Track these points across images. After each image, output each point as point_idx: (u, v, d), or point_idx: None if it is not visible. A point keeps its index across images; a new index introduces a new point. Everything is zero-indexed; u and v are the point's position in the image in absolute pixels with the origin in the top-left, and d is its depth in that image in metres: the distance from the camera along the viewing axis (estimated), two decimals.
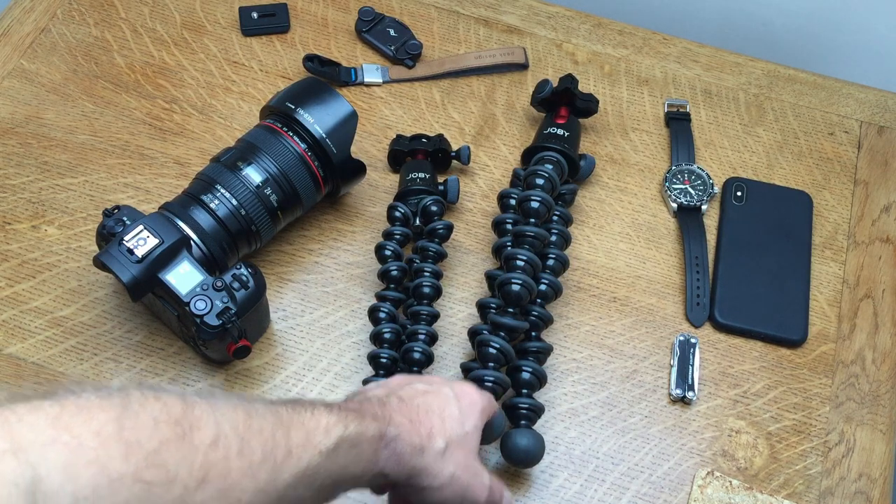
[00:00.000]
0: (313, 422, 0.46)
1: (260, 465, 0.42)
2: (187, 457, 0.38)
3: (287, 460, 0.43)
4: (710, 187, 0.85)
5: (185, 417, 0.39)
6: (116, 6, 0.94)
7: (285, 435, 0.44)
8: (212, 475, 0.39)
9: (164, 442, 0.38)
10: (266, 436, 0.43)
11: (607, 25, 0.97)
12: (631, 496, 0.70)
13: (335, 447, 0.46)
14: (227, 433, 0.40)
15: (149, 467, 0.36)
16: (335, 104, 0.76)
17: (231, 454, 0.40)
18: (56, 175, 0.83)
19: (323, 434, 0.46)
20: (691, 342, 0.77)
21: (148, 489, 0.36)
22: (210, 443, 0.39)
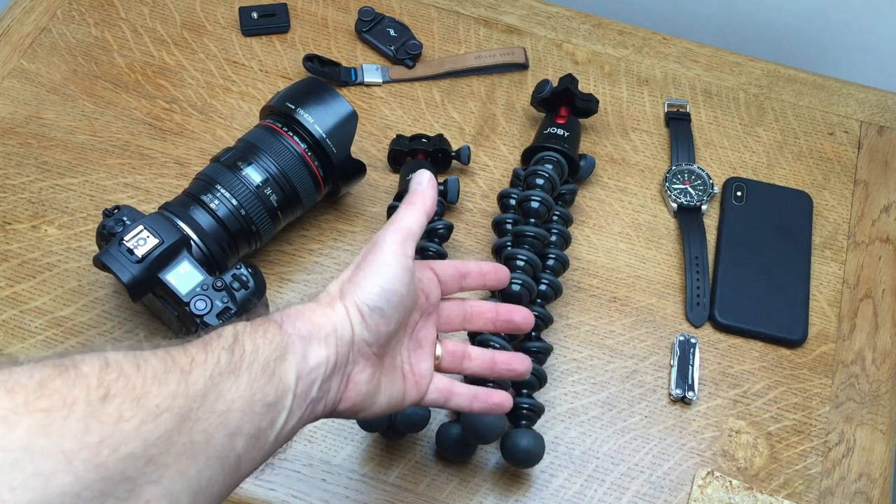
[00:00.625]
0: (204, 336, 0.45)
1: (166, 374, 0.41)
2: (79, 382, 0.37)
3: (193, 364, 0.42)
4: (710, 187, 0.85)
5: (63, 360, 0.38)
6: (116, 6, 0.94)
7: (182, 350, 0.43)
8: (114, 390, 0.38)
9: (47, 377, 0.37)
10: (161, 354, 0.42)
11: (607, 25, 0.97)
12: (631, 496, 0.70)
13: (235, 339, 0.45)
14: (116, 358, 0.39)
15: (39, 398, 0.35)
16: (335, 104, 0.76)
17: (128, 371, 0.39)
18: (56, 175, 0.83)
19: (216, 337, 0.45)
20: (691, 342, 0.77)
21: (48, 414, 0.35)
22: (100, 367, 0.38)
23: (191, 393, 0.41)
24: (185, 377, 0.41)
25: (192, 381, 0.41)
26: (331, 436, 0.72)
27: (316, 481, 0.69)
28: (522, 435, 0.68)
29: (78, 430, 0.35)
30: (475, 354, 0.59)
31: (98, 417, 0.36)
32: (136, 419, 0.37)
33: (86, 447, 0.35)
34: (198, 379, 0.42)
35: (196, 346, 0.44)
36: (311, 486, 0.69)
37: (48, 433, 0.34)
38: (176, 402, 0.40)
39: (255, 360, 0.45)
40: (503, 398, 0.59)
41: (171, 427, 0.39)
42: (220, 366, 0.43)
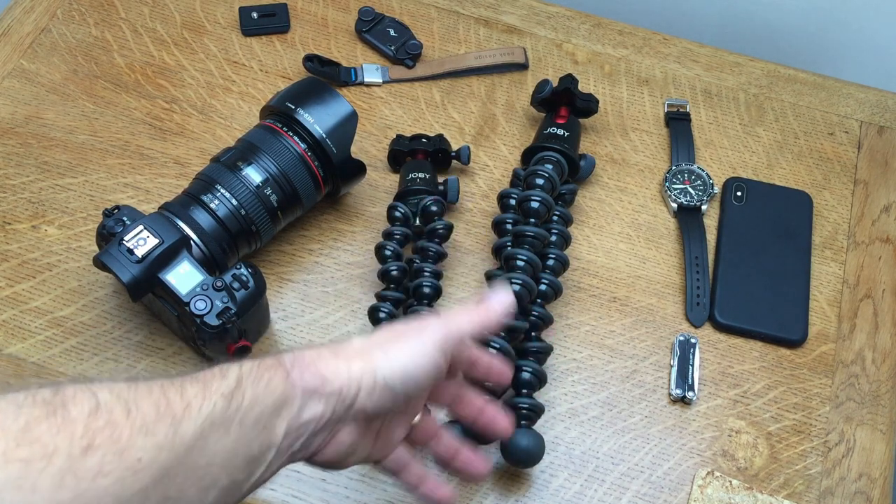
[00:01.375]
0: (207, 373, 0.44)
1: (156, 422, 0.39)
2: (64, 428, 0.36)
3: (187, 411, 0.41)
4: (710, 187, 0.85)
5: (54, 397, 0.37)
6: (116, 6, 0.94)
7: (179, 391, 0.41)
8: (98, 440, 0.37)
9: (33, 420, 0.36)
10: (156, 395, 0.40)
11: (607, 25, 0.97)
12: (631, 496, 0.71)
13: (237, 384, 0.44)
14: (107, 401, 0.38)
15: (20, 445, 0.34)
16: (335, 104, 0.76)
17: (117, 418, 0.38)
18: (56, 175, 0.83)
19: (219, 378, 0.43)
20: (691, 342, 0.77)
21: (25, 466, 0.34)
22: (89, 412, 0.37)
23: (176, 445, 0.40)
24: (174, 427, 0.40)
25: (182, 431, 0.40)
26: None
27: (316, 481, 0.69)
28: (522, 435, 0.68)
29: (52, 485, 0.35)
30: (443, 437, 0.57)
31: (76, 472, 0.35)
32: (114, 474, 0.37)
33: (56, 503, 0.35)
34: (187, 430, 0.40)
35: (195, 387, 0.42)
36: (311, 486, 0.69)
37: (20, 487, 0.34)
38: (160, 456, 0.39)
39: (250, 412, 0.44)
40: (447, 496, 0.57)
41: (148, 482, 0.38)
42: (213, 415, 0.42)
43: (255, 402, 0.44)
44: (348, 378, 0.48)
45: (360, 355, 0.49)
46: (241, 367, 0.45)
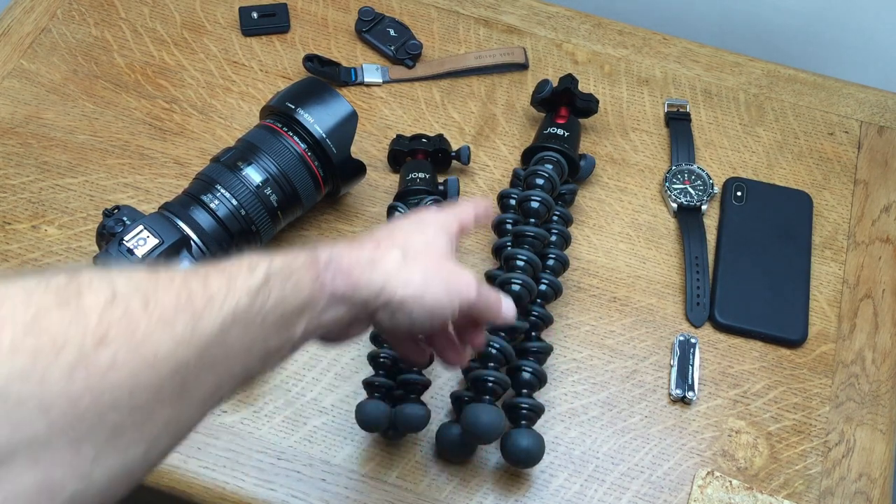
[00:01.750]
0: (234, 266, 0.42)
1: (175, 315, 0.37)
2: (77, 319, 0.34)
3: (209, 305, 0.39)
4: (710, 187, 0.85)
5: (68, 285, 0.35)
6: (116, 6, 0.94)
7: (202, 282, 0.40)
8: (113, 333, 0.35)
9: (43, 309, 0.34)
10: (177, 286, 0.38)
11: (607, 25, 0.97)
12: (631, 496, 0.70)
13: (264, 282, 0.42)
14: (124, 291, 0.36)
15: (27, 336, 0.33)
16: (335, 104, 0.76)
17: (134, 309, 0.36)
18: (56, 175, 0.83)
19: (247, 273, 0.42)
20: (691, 342, 0.77)
21: (35, 357, 0.32)
22: (105, 302, 0.35)
23: (195, 342, 0.38)
24: (194, 322, 0.38)
25: (201, 328, 0.38)
26: (331, 436, 0.72)
27: (316, 481, 0.70)
28: (522, 435, 0.68)
29: (61, 377, 0.33)
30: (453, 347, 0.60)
31: (87, 365, 0.34)
32: (128, 367, 0.35)
33: (66, 396, 0.33)
34: (207, 326, 0.39)
35: (219, 279, 0.41)
36: (311, 486, 0.69)
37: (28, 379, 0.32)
38: (178, 351, 0.37)
39: (273, 311, 0.43)
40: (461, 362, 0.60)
41: (164, 377, 0.36)
42: (236, 311, 0.40)
43: (281, 302, 0.43)
44: (378, 293, 0.49)
45: (398, 273, 0.50)
46: (270, 263, 0.43)
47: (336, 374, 0.74)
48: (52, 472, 0.33)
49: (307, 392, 0.73)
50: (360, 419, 0.68)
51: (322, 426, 0.72)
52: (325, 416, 0.72)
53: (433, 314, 0.51)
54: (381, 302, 0.49)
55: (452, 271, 0.52)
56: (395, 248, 0.51)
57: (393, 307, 0.50)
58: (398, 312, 0.50)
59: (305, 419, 0.72)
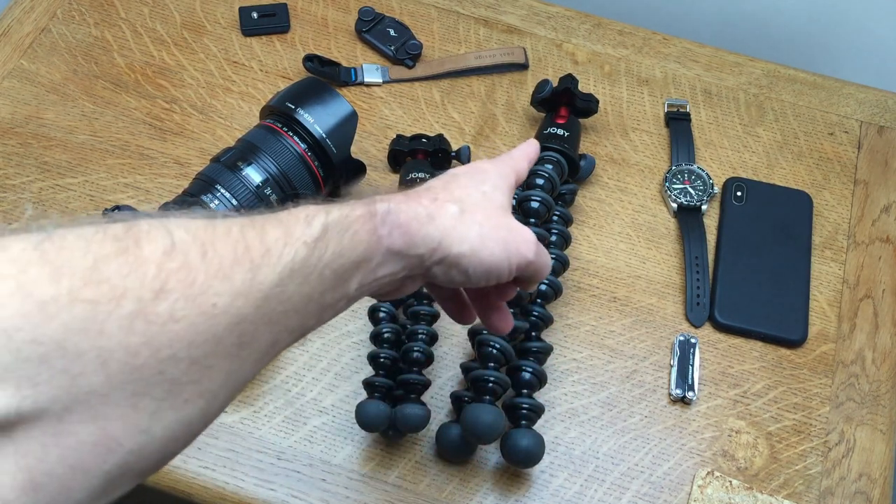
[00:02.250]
0: (290, 217, 0.42)
1: (233, 267, 0.37)
2: (136, 269, 0.33)
3: (267, 257, 0.38)
4: (710, 187, 0.85)
5: (126, 234, 0.34)
6: (116, 6, 0.94)
7: (259, 234, 0.39)
8: (172, 283, 0.34)
9: (102, 258, 0.33)
10: (235, 237, 0.38)
11: (607, 25, 0.97)
12: (631, 496, 0.70)
13: (321, 235, 0.42)
14: (183, 240, 0.36)
15: (87, 285, 0.32)
16: (335, 104, 0.76)
17: (192, 260, 0.35)
18: (56, 175, 0.83)
19: (304, 225, 0.41)
20: (691, 342, 0.77)
21: (93, 308, 0.32)
22: (163, 252, 0.35)
23: (253, 294, 0.37)
24: (253, 273, 0.37)
25: (260, 279, 0.38)
26: (331, 436, 0.72)
27: (316, 481, 0.70)
28: (522, 435, 0.68)
29: (120, 328, 0.32)
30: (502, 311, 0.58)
31: (146, 316, 0.33)
32: (187, 320, 0.34)
33: (124, 348, 0.32)
34: (266, 278, 0.38)
35: (277, 230, 0.40)
36: (311, 486, 0.69)
37: (86, 329, 0.31)
38: (236, 303, 0.36)
39: (331, 264, 0.42)
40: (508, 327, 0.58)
41: (222, 330, 0.36)
42: (294, 263, 0.40)
43: (338, 255, 0.42)
44: (434, 249, 0.47)
45: (455, 228, 0.48)
46: (328, 215, 0.43)
47: (336, 374, 0.74)
48: (110, 427, 0.32)
49: (307, 392, 0.73)
50: (360, 419, 0.68)
51: (322, 426, 0.72)
52: (325, 416, 0.72)
53: (489, 272, 0.49)
54: (436, 258, 0.48)
55: (511, 228, 0.51)
56: (452, 203, 0.49)
57: (448, 263, 0.48)
58: (453, 269, 0.48)
59: (305, 419, 0.72)
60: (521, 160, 0.58)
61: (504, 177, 0.54)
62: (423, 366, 0.71)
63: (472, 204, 0.50)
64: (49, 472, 0.31)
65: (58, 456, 0.31)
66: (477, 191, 0.51)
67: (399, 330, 0.72)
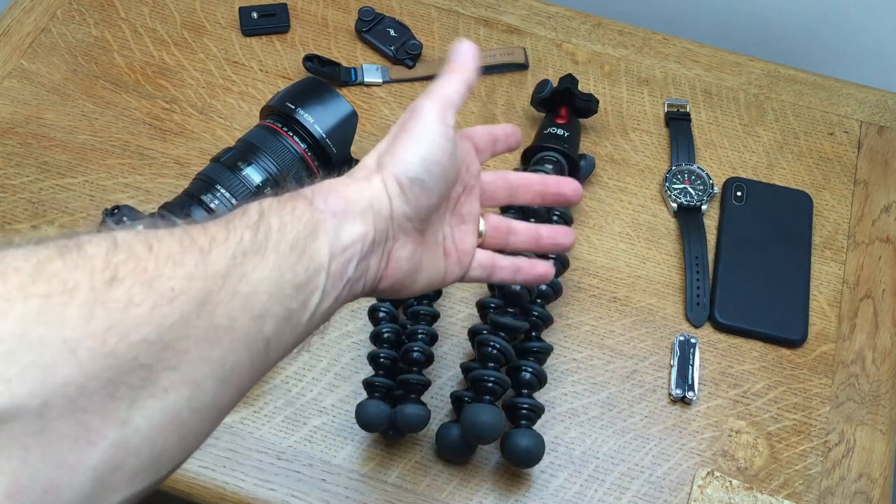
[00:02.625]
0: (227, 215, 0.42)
1: (182, 255, 0.37)
2: (82, 265, 0.33)
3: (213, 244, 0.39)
4: (710, 187, 0.85)
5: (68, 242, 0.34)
6: (116, 6, 0.94)
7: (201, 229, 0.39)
8: (122, 272, 0.34)
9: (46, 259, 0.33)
10: (178, 234, 0.38)
11: (607, 25, 0.97)
12: (631, 496, 0.71)
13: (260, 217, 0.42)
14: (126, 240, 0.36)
15: (36, 282, 0.32)
16: (335, 104, 0.76)
17: (139, 252, 0.35)
18: (56, 175, 0.83)
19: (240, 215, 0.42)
20: (691, 342, 0.77)
21: (47, 300, 0.32)
22: (107, 249, 0.35)
23: (210, 274, 0.37)
24: (203, 258, 0.38)
25: (212, 261, 0.38)
26: (331, 436, 0.72)
27: (316, 481, 0.70)
28: (522, 435, 0.68)
29: (80, 316, 0.32)
30: (520, 229, 0.57)
31: (104, 303, 0.33)
32: (147, 303, 0.34)
33: (90, 335, 0.32)
34: (218, 259, 0.38)
35: (217, 225, 0.40)
36: (311, 486, 0.69)
37: (46, 321, 0.31)
38: (193, 285, 0.36)
39: (282, 238, 0.42)
40: (546, 269, 0.58)
41: (188, 311, 0.36)
42: (243, 244, 0.40)
43: (285, 228, 0.42)
44: (372, 192, 0.47)
45: (377, 169, 0.48)
46: (261, 204, 0.43)
47: (336, 374, 0.74)
48: (89, 419, 0.32)
49: (307, 392, 0.73)
50: (360, 419, 0.68)
51: (322, 426, 0.72)
52: (325, 416, 0.72)
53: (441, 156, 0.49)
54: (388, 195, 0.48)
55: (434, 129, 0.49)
56: (364, 159, 0.50)
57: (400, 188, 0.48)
58: (409, 191, 0.48)
59: (305, 419, 0.72)
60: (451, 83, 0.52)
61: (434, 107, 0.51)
62: (423, 366, 0.71)
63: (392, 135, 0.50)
64: (33, 472, 0.30)
65: (40, 455, 0.31)
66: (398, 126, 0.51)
67: (399, 330, 0.72)
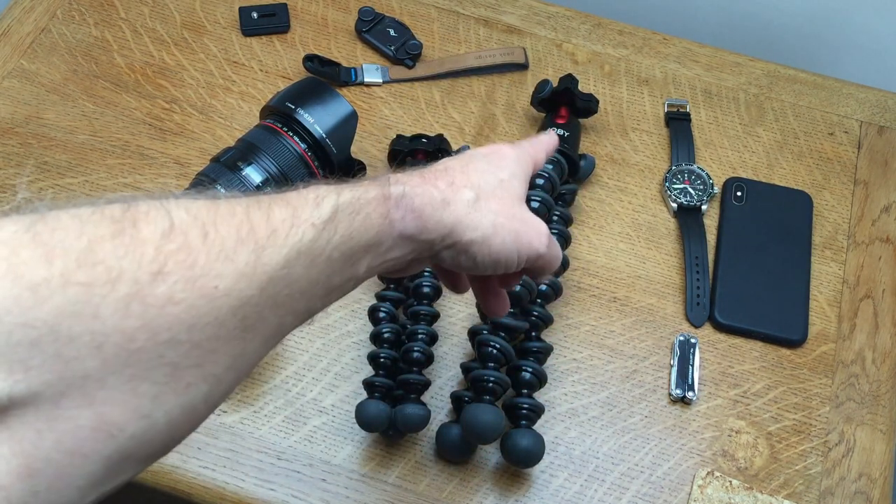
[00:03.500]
0: (299, 198, 0.40)
1: (236, 248, 0.36)
2: (133, 250, 0.32)
3: (272, 238, 0.37)
4: (710, 187, 0.85)
5: (124, 215, 0.33)
6: (116, 6, 0.94)
7: (265, 214, 0.38)
8: (170, 265, 0.33)
9: (97, 239, 0.32)
10: (239, 218, 0.37)
11: (607, 25, 0.97)
12: (631, 496, 0.70)
13: (331, 217, 0.40)
14: (183, 221, 0.35)
15: (81, 267, 0.31)
16: (335, 104, 0.76)
17: (193, 241, 0.34)
18: (56, 175, 0.83)
19: (313, 206, 0.40)
20: (691, 342, 0.77)
21: (88, 290, 0.31)
22: (162, 233, 0.34)
23: (257, 276, 0.36)
24: (257, 254, 0.36)
25: (264, 261, 0.37)
26: (331, 436, 0.72)
27: (316, 481, 0.70)
28: (522, 435, 0.68)
29: (115, 311, 0.31)
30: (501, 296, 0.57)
31: (143, 299, 0.32)
32: (186, 302, 0.33)
33: (120, 331, 0.31)
34: (271, 259, 0.37)
35: (284, 211, 0.39)
36: (311, 486, 0.69)
37: (80, 313, 0.31)
38: (239, 285, 0.35)
39: (340, 246, 0.41)
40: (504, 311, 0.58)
41: (224, 312, 0.35)
42: (301, 245, 0.38)
43: (348, 237, 0.41)
44: (446, 235, 0.47)
45: (468, 215, 0.47)
46: (338, 196, 0.42)
47: (336, 374, 0.74)
48: (109, 411, 0.32)
49: (307, 392, 0.73)
50: (360, 419, 0.68)
51: (322, 426, 0.72)
52: (325, 416, 0.72)
53: (498, 261, 0.49)
54: (447, 243, 0.47)
55: (525, 219, 0.50)
56: (468, 188, 0.48)
57: (458, 249, 0.47)
58: (462, 255, 0.48)
59: (305, 419, 0.72)
60: (540, 150, 0.57)
61: (523, 165, 0.53)
62: (423, 366, 0.71)
63: (489, 191, 0.49)
64: (46, 457, 0.31)
65: (54, 441, 0.31)
66: (494, 177, 0.50)
67: (399, 330, 0.72)
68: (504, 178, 0.50)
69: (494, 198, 0.49)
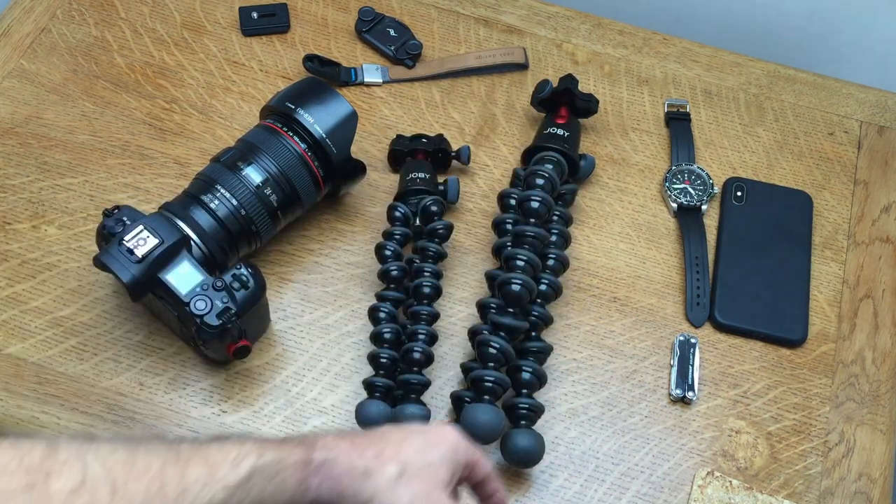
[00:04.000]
0: (219, 454, 0.42)
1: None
2: None
3: (181, 498, 0.39)
4: (710, 187, 0.85)
5: (41, 465, 0.36)
6: (116, 6, 0.94)
7: (180, 472, 0.40)
8: None
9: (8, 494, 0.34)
10: (152, 475, 0.39)
11: (607, 25, 0.97)
12: (631, 496, 0.70)
13: (247, 479, 0.42)
14: (95, 477, 0.37)
15: None
16: (335, 104, 0.76)
17: (99, 498, 0.36)
18: (56, 175, 0.83)
19: (230, 466, 0.42)
20: (691, 342, 0.77)
21: None
22: (71, 489, 0.36)
23: None
24: None
25: None
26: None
27: None
28: (522, 435, 0.68)
29: None
30: None
31: None
32: None
33: None
34: None
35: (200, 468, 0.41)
36: None
37: None
38: None
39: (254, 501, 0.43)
40: None
41: None
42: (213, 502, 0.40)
43: (258, 501, 0.43)
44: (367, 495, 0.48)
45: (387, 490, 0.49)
46: (259, 458, 0.43)
47: (336, 374, 0.74)
48: None
49: (307, 392, 0.73)
50: (360, 419, 0.68)
51: (322, 426, 0.72)
52: (325, 416, 0.72)
53: None
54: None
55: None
56: (394, 463, 0.50)
57: None
58: None
59: (305, 419, 0.72)
60: (483, 461, 0.56)
61: (458, 455, 0.53)
62: (423, 366, 0.71)
63: (414, 471, 0.50)
64: None
65: None
66: (425, 458, 0.51)
67: (399, 330, 0.72)
68: (433, 462, 0.51)
69: (418, 479, 0.50)
